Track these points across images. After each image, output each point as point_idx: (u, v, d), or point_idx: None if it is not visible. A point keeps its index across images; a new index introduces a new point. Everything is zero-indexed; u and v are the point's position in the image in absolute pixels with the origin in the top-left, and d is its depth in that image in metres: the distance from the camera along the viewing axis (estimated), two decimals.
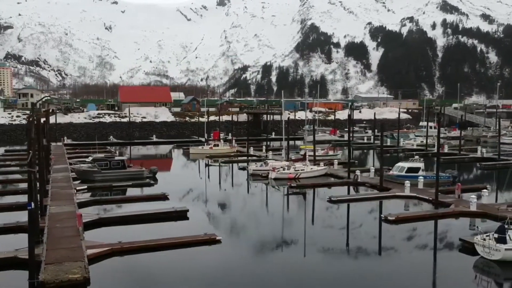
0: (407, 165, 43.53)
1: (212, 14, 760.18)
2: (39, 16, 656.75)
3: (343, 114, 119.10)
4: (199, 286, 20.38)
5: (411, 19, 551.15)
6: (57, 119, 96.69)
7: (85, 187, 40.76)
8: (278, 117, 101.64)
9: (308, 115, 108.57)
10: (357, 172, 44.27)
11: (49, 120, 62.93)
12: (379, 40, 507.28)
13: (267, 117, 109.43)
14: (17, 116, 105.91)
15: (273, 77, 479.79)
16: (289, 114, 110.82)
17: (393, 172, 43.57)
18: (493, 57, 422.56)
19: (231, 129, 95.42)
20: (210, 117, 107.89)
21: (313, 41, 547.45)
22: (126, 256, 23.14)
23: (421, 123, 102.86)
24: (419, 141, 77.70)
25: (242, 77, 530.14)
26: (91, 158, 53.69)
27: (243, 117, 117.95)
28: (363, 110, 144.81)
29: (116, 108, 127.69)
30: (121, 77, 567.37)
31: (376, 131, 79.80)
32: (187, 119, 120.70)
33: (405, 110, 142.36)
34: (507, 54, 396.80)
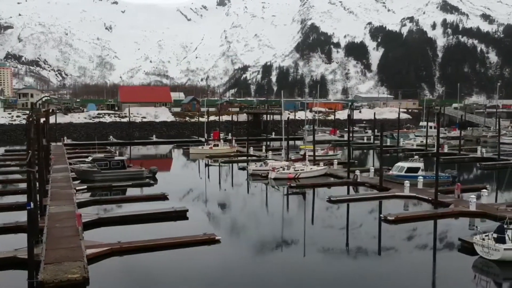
0: (407, 165, 43.54)
1: (212, 14, 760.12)
2: (39, 16, 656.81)
3: (343, 114, 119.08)
4: (198, 286, 20.40)
5: (411, 19, 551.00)
6: (57, 119, 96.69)
7: (84, 187, 40.78)
8: (278, 117, 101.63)
9: (308, 115, 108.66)
10: (357, 172, 44.28)
11: (49, 120, 62.96)
12: (379, 40, 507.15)
13: (267, 117, 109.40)
14: (17, 116, 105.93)
15: (273, 77, 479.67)
16: (289, 114, 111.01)
17: (392, 172, 43.59)
18: (493, 57, 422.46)
19: (231, 129, 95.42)
20: (210, 117, 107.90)
21: (313, 41, 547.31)
22: (125, 256, 23.16)
23: (421, 123, 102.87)
24: (419, 141, 77.70)
25: (242, 77, 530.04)
26: (90, 158, 53.71)
27: (243, 117, 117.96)
28: (363, 110, 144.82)
29: (116, 108, 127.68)
30: (121, 77, 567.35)
31: (376, 131, 79.79)
32: (187, 119, 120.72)
33: (405, 110, 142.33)
34: (507, 54, 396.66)
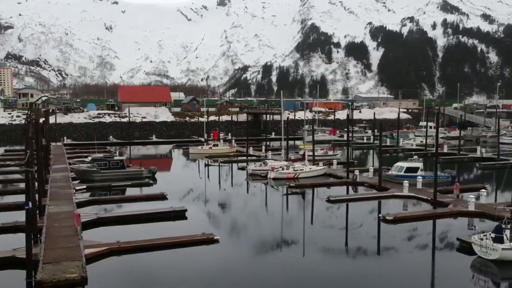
0: (406, 165, 43.56)
1: (212, 14, 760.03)
2: (40, 16, 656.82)
3: (343, 114, 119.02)
4: (197, 285, 20.41)
5: (412, 19, 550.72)
6: (57, 119, 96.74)
7: (84, 187, 40.82)
8: (278, 117, 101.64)
9: (308, 115, 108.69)
10: (356, 172, 44.31)
11: (48, 120, 63.00)
12: (380, 40, 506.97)
13: (267, 117, 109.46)
14: (17, 116, 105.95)
15: (274, 77, 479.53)
16: (289, 114, 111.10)
17: (392, 172, 43.61)
18: (493, 57, 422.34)
19: (231, 129, 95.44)
20: (210, 117, 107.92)
21: (314, 41, 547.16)
22: (124, 255, 23.19)
23: (420, 123, 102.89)
24: (419, 141, 77.72)
25: (242, 77, 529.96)
26: (90, 158, 53.72)
27: (243, 117, 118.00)
28: (363, 110, 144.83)
29: (116, 108, 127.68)
30: (121, 77, 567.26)
31: (376, 131, 79.79)
32: (187, 119, 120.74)
33: (405, 110, 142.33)
34: (508, 54, 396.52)
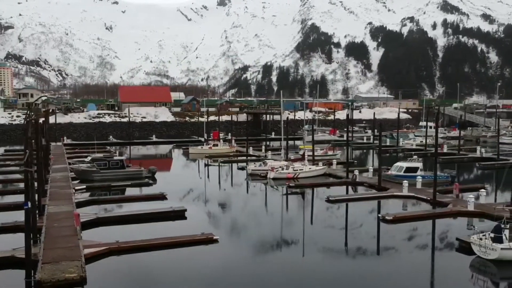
0: (406, 165, 43.57)
1: (212, 14, 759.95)
2: (40, 16, 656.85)
3: (343, 114, 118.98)
4: (196, 285, 20.43)
5: (412, 19, 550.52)
6: (57, 119, 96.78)
7: (83, 187, 40.85)
8: (278, 117, 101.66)
9: (308, 115, 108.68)
10: (355, 172, 44.32)
11: (48, 120, 63.05)
12: (380, 40, 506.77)
13: (267, 117, 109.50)
14: (17, 116, 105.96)
15: (274, 77, 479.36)
16: (288, 114, 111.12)
17: (391, 172, 43.63)
18: (493, 57, 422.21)
19: (231, 129, 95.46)
20: (210, 117, 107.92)
21: (314, 41, 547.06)
22: (123, 255, 23.21)
23: (420, 123, 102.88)
24: (419, 141, 77.74)
25: (242, 77, 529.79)
26: (90, 158, 53.73)
27: (243, 117, 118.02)
28: (363, 110, 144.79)
29: (116, 108, 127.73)
30: (121, 77, 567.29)
31: (375, 131, 79.80)
32: (187, 119, 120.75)
33: (405, 110, 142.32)
34: (508, 54, 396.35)
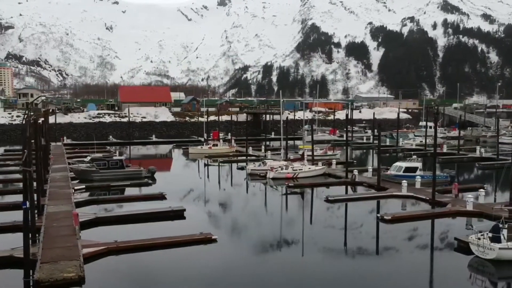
0: (405, 165, 43.63)
1: (213, 14, 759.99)
2: (40, 16, 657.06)
3: (343, 114, 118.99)
4: (194, 285, 20.44)
5: (412, 19, 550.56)
6: (57, 119, 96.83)
7: (83, 187, 40.88)
8: (278, 117, 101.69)
9: (308, 115, 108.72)
10: (355, 172, 44.34)
11: (48, 120, 63.08)
12: (380, 40, 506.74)
13: (266, 117, 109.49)
14: (17, 116, 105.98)
15: (274, 77, 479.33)
16: (288, 114, 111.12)
17: (390, 172, 43.68)
18: (494, 57, 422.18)
19: (231, 129, 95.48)
20: (210, 117, 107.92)
21: (314, 41, 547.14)
22: (121, 255, 23.23)
23: (420, 123, 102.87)
24: (418, 141, 77.75)
25: (242, 77, 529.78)
26: (89, 158, 53.76)
27: (243, 117, 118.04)
28: (363, 110, 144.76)
29: (116, 108, 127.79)
30: (122, 77, 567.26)
31: (375, 131, 79.80)
32: (187, 119, 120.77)
33: (405, 110, 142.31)
34: (508, 54, 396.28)
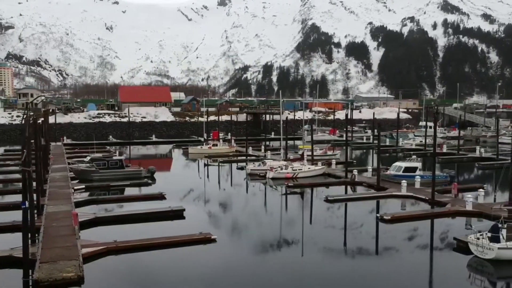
0: (404, 164, 43.65)
1: (213, 14, 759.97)
2: (40, 16, 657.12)
3: (343, 114, 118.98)
4: (193, 285, 20.46)
5: (412, 19, 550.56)
6: (57, 119, 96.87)
7: (82, 187, 40.90)
8: (277, 117, 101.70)
9: (308, 115, 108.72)
10: (354, 171, 44.35)
11: (48, 120, 63.11)
12: (380, 40, 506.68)
13: (266, 117, 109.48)
14: (17, 116, 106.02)
15: (274, 77, 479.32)
16: (288, 114, 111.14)
17: (390, 171, 43.68)
18: (494, 57, 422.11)
19: (230, 129, 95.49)
20: (210, 117, 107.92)
21: (314, 41, 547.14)
22: (120, 255, 23.25)
23: (420, 123, 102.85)
24: (418, 141, 77.76)
25: (243, 77, 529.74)
26: (89, 158, 53.77)
27: (243, 117, 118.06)
28: (363, 110, 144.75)
29: (116, 108, 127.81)
30: (122, 77, 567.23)
31: (375, 131, 79.79)
32: (187, 119, 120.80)
33: (405, 110, 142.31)
34: (508, 54, 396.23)
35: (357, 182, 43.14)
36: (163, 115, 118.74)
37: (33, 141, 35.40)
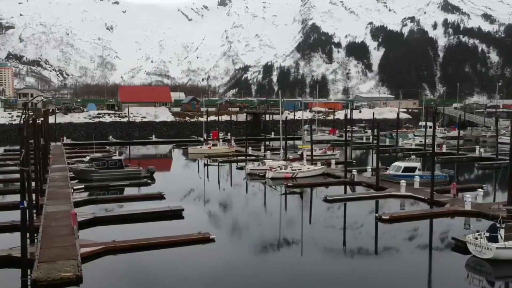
0: (404, 164, 43.66)
1: (213, 14, 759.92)
2: (41, 16, 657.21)
3: (343, 114, 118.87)
4: (192, 284, 20.48)
5: (412, 19, 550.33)
6: (57, 119, 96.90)
7: (82, 187, 40.95)
8: (277, 117, 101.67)
9: (308, 115, 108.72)
10: (354, 171, 44.37)
11: (47, 120, 63.13)
12: (380, 40, 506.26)
13: (266, 117, 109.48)
14: (17, 116, 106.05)
15: (274, 77, 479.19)
16: (288, 114, 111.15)
17: (389, 171, 43.69)
18: (494, 57, 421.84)
19: (230, 129, 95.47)
20: (210, 117, 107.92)
21: (314, 41, 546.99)
22: (119, 254, 23.28)
23: (420, 123, 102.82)
24: (418, 141, 77.76)
25: (243, 77, 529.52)
26: (88, 157, 53.79)
27: (243, 117, 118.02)
28: (363, 110, 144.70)
29: (116, 108, 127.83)
30: (122, 77, 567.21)
31: (375, 131, 79.77)
32: (187, 119, 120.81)
33: (405, 110, 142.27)
34: (508, 54, 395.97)
35: (356, 182, 43.17)
36: (163, 115, 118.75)
37: (32, 141, 35.43)
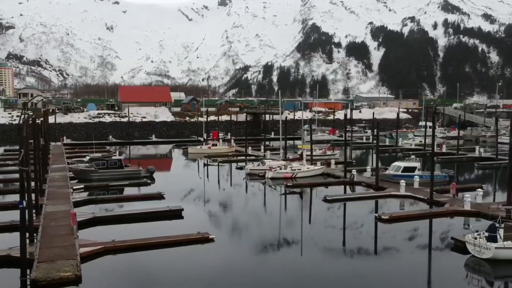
0: (403, 164, 43.67)
1: (213, 14, 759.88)
2: (41, 16, 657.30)
3: (343, 114, 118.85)
4: (191, 284, 20.48)
5: (413, 19, 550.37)
6: (57, 119, 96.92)
7: (82, 187, 40.96)
8: (277, 117, 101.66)
9: (308, 115, 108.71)
10: (353, 171, 44.38)
11: (47, 119, 63.13)
12: (380, 40, 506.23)
13: (266, 117, 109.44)
14: (17, 116, 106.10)
15: (274, 77, 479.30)
16: (288, 114, 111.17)
17: (389, 171, 43.70)
18: (494, 57, 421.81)
19: (230, 129, 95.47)
20: (210, 117, 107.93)
21: (314, 41, 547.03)
22: (118, 254, 23.29)
23: (420, 123, 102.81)
24: (418, 141, 77.76)
25: (243, 77, 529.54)
26: (88, 157, 53.80)
27: (243, 117, 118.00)
28: (363, 110, 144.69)
29: (116, 108, 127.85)
30: (122, 77, 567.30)
31: (375, 131, 79.77)
32: (187, 119, 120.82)
33: (405, 110, 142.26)
34: (508, 54, 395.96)
35: (356, 182, 43.19)
36: (163, 115, 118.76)
37: (32, 141, 35.44)
